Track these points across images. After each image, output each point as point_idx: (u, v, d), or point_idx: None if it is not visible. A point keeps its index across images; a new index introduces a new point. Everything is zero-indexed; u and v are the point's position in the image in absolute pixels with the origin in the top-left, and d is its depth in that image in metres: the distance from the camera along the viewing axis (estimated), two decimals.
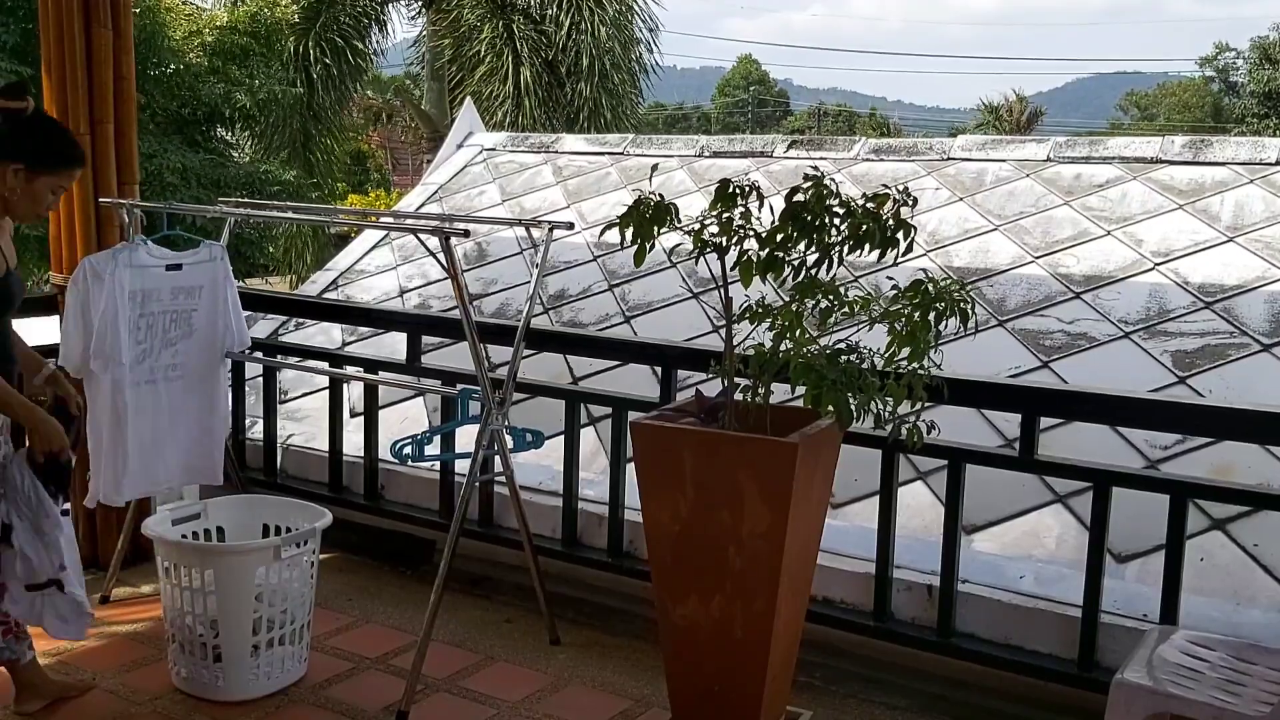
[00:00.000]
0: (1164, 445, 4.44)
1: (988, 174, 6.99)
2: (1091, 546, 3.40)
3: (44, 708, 3.43)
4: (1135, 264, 5.80)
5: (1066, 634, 3.46)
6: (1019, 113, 44.81)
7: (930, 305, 2.94)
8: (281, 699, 3.59)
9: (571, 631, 4.10)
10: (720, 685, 3.13)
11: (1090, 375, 4.95)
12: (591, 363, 5.48)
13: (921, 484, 4.45)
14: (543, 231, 3.98)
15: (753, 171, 7.32)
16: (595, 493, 4.38)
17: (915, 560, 3.80)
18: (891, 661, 3.77)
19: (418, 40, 22.15)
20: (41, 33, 4.32)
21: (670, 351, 4.24)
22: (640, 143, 8.63)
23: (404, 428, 4.95)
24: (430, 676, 3.68)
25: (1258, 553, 3.94)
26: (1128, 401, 3.58)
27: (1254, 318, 5.21)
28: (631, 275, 6.60)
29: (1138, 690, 2.71)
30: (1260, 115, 35.04)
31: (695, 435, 3.09)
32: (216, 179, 13.91)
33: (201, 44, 14.66)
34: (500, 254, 7.30)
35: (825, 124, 54.39)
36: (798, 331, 3.01)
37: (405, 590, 4.51)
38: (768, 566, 2.99)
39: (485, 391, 3.76)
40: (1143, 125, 48.31)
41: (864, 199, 3.02)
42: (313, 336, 6.50)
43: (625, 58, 20.23)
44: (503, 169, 8.62)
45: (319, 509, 3.86)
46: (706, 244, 3.04)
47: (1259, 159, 6.39)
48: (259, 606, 3.54)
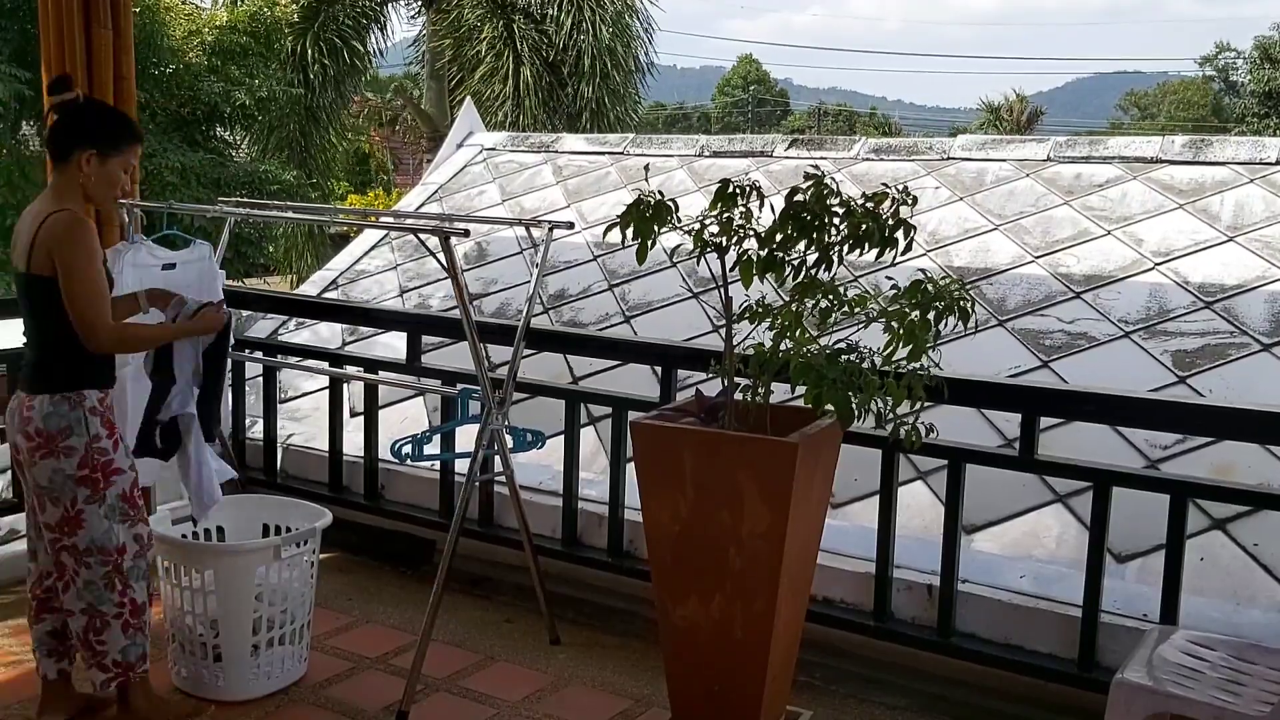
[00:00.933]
0: (1164, 445, 4.44)
1: (988, 174, 6.99)
2: (1091, 546, 3.40)
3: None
4: (1135, 264, 5.80)
5: (1066, 634, 3.45)
6: (1019, 112, 44.78)
7: (930, 305, 2.94)
8: (281, 699, 3.59)
9: (571, 631, 4.10)
10: (720, 685, 3.13)
11: (1090, 375, 4.94)
12: (591, 362, 5.48)
13: (921, 484, 4.45)
14: (543, 231, 3.98)
15: (753, 171, 7.32)
16: (595, 493, 4.38)
17: (915, 560, 3.80)
18: (891, 661, 3.77)
19: (417, 40, 22.15)
20: (41, 33, 4.32)
21: (670, 351, 4.23)
22: (640, 142, 8.63)
23: (404, 428, 4.95)
24: (430, 676, 3.68)
25: (1258, 553, 3.94)
26: (1128, 401, 3.58)
27: (1254, 318, 5.21)
28: (631, 275, 6.60)
29: (1138, 690, 2.71)
30: (1260, 115, 35.02)
31: (695, 435, 3.09)
32: (216, 178, 13.92)
33: (201, 43, 14.67)
34: (500, 254, 7.30)
35: (825, 124, 54.37)
36: (798, 331, 3.01)
37: (405, 590, 4.51)
38: (768, 566, 2.99)
39: (485, 391, 3.76)
40: (1143, 125, 48.30)
41: (864, 199, 3.02)
42: (317, 333, 6.51)
43: (626, 57, 20.23)
44: (503, 169, 8.62)
45: (319, 509, 3.86)
46: (707, 244, 3.05)
47: (1259, 159, 6.39)
48: (259, 606, 3.54)
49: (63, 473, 3.12)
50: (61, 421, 3.10)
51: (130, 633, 3.24)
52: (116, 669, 3.23)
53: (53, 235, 3.04)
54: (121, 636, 3.22)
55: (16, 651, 3.83)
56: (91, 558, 3.17)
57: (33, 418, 3.11)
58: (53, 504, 3.15)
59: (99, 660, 3.22)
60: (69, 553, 3.18)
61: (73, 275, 3.04)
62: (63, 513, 3.15)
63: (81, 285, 3.05)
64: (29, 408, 3.12)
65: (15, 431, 3.17)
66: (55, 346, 3.13)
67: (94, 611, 3.19)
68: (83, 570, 3.18)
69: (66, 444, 3.11)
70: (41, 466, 3.12)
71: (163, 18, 14.17)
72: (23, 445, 3.14)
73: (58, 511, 3.15)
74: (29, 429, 3.12)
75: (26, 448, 3.13)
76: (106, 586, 3.19)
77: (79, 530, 3.16)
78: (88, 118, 3.26)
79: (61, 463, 3.11)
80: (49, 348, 3.14)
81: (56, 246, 3.04)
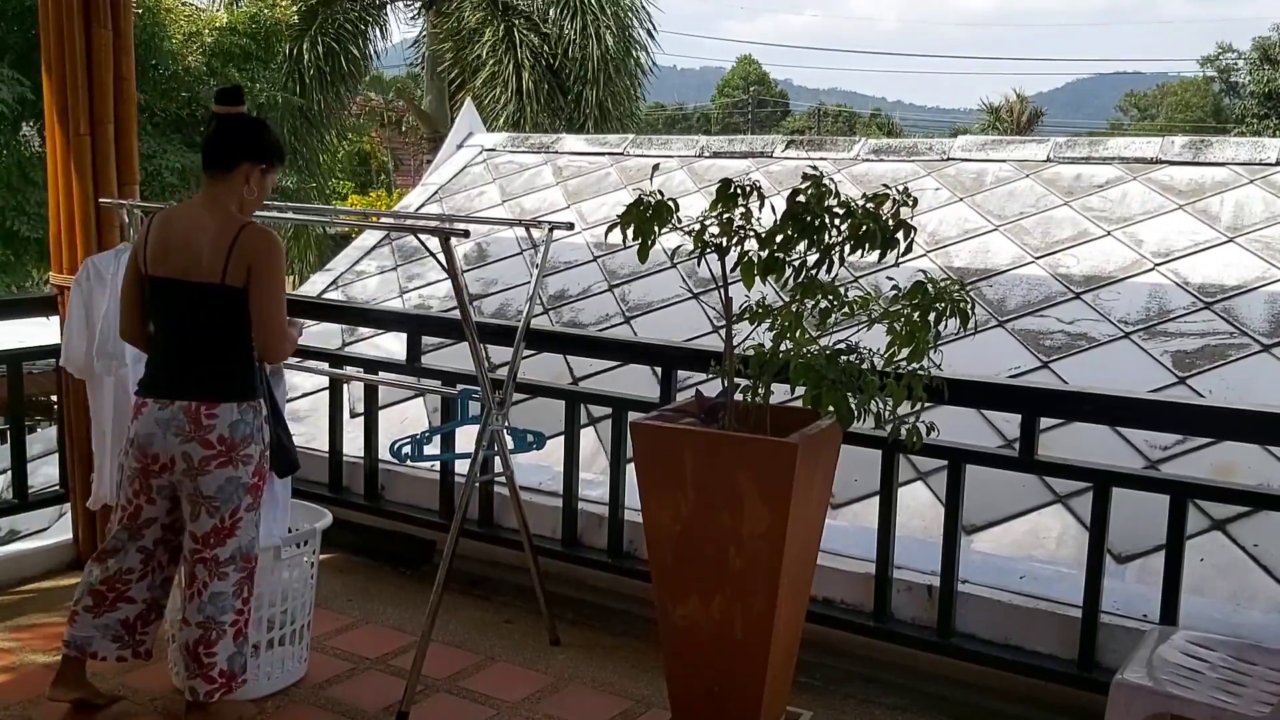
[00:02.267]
0: (1164, 445, 4.44)
1: (988, 174, 7.00)
2: (1091, 546, 3.40)
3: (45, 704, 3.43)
4: (1135, 264, 5.81)
5: (1066, 634, 3.45)
6: (1019, 113, 44.82)
7: (930, 305, 2.95)
8: (282, 699, 3.59)
9: (571, 632, 4.10)
10: (720, 685, 3.13)
11: (1090, 376, 4.95)
12: (591, 363, 5.49)
13: (921, 484, 4.46)
14: (543, 232, 3.98)
15: (753, 172, 7.32)
16: (595, 493, 4.38)
17: (915, 560, 3.80)
18: (891, 661, 3.77)
19: (417, 40, 22.14)
20: (41, 33, 4.32)
21: (670, 352, 4.23)
22: (640, 143, 8.64)
23: (404, 428, 4.96)
24: (430, 676, 3.68)
25: (1258, 553, 3.94)
26: (1128, 402, 3.58)
27: (1254, 318, 5.22)
28: (632, 275, 6.61)
29: (1138, 690, 2.71)
30: (1260, 115, 35.04)
31: (695, 435, 3.09)
32: None
33: (201, 45, 14.67)
34: (500, 254, 7.31)
35: (825, 124, 54.38)
36: (798, 332, 3.01)
37: (405, 590, 4.51)
38: (768, 567, 2.99)
39: (485, 392, 3.76)
40: (1143, 125, 48.29)
41: (864, 199, 3.03)
42: (317, 333, 6.51)
43: (627, 60, 20.22)
44: (503, 169, 8.63)
45: (319, 509, 3.86)
46: (707, 244, 3.05)
47: (1259, 159, 6.40)
48: (259, 606, 3.54)
49: (237, 480, 3.17)
50: (246, 429, 3.17)
51: (239, 641, 3.26)
52: (222, 679, 3.22)
53: (257, 249, 3.10)
54: (232, 645, 3.24)
55: (17, 651, 3.84)
56: (231, 566, 3.21)
57: (216, 425, 3.12)
58: (210, 514, 3.17)
59: (205, 672, 3.20)
60: (206, 565, 3.19)
61: (276, 289, 3.15)
62: (217, 523, 3.17)
63: (280, 297, 3.17)
64: (211, 415, 3.13)
65: (186, 440, 3.14)
66: (239, 356, 3.18)
67: (213, 624, 3.20)
68: (214, 581, 3.19)
69: (246, 452, 3.17)
70: (215, 475, 3.14)
71: (163, 19, 14.18)
72: (196, 454, 3.13)
73: (212, 521, 3.17)
74: (209, 436, 3.13)
75: (202, 456, 3.13)
76: (235, 594, 3.23)
77: (229, 539, 3.19)
78: (255, 131, 3.31)
79: (238, 471, 3.16)
80: (232, 357, 3.17)
81: (258, 260, 3.10)
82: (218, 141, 3.24)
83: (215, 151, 3.22)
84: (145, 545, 3.31)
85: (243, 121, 3.29)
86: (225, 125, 3.25)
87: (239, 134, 3.25)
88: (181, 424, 3.14)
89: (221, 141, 3.23)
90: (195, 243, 3.12)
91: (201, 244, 3.11)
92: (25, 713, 3.43)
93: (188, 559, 3.25)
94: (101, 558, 3.35)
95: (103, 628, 3.34)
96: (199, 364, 3.18)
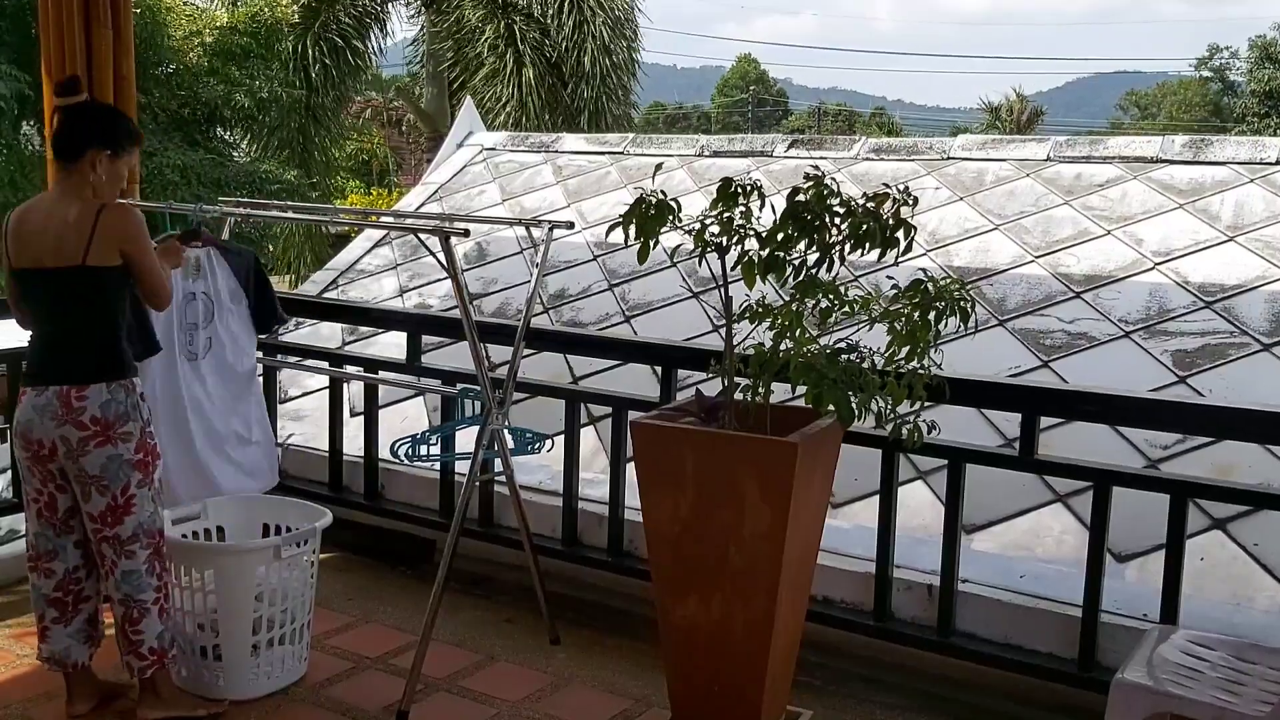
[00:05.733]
0: (1164, 445, 4.44)
1: (988, 174, 7.00)
2: (1091, 546, 3.40)
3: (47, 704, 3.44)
4: (1135, 263, 5.81)
5: (1066, 634, 3.45)
6: (1019, 112, 44.83)
7: (930, 305, 2.95)
8: (281, 699, 3.59)
9: (571, 631, 4.10)
10: (720, 685, 3.13)
11: (1090, 375, 4.95)
12: (591, 362, 5.48)
13: (921, 484, 4.46)
14: (543, 231, 3.98)
15: (753, 171, 7.32)
16: (595, 492, 4.38)
17: (915, 560, 3.80)
18: (891, 661, 3.77)
19: (417, 39, 22.12)
20: (41, 33, 4.32)
21: (670, 351, 4.23)
22: (640, 142, 8.64)
23: (404, 428, 4.95)
24: (430, 676, 3.68)
25: (1258, 553, 3.94)
26: (1128, 401, 3.57)
27: (1254, 317, 5.21)
28: (632, 275, 6.61)
29: (1138, 690, 2.71)
30: (1261, 114, 35.06)
31: (695, 435, 3.09)
32: (217, 178, 13.94)
33: (201, 44, 14.68)
34: (500, 254, 7.31)
35: (825, 124, 54.35)
36: (798, 331, 3.01)
37: (405, 590, 4.51)
38: (768, 566, 2.99)
39: (485, 391, 3.76)
40: (1143, 125, 48.30)
41: (864, 198, 3.03)
42: (317, 333, 6.51)
43: (628, 59, 20.21)
44: (503, 168, 8.63)
45: (319, 509, 3.85)
46: (708, 244, 3.04)
47: (1259, 158, 6.40)
48: (259, 606, 3.54)
49: (120, 458, 3.20)
50: (119, 408, 3.19)
51: (164, 618, 3.32)
52: (152, 656, 3.29)
53: (120, 227, 3.18)
54: (157, 623, 3.30)
55: (17, 651, 3.83)
56: (136, 544, 3.25)
57: (87, 406, 3.16)
58: (100, 493, 3.21)
59: (135, 649, 3.28)
60: (110, 543, 3.25)
61: (145, 255, 3.24)
62: (110, 501, 3.21)
63: (151, 258, 3.27)
64: (80, 398, 3.16)
65: (60, 423, 3.17)
66: (105, 336, 3.23)
67: (132, 601, 3.26)
68: (123, 560, 3.25)
69: (124, 429, 3.20)
70: (95, 455, 3.18)
71: (163, 18, 14.18)
72: (73, 436, 3.17)
73: (105, 500, 3.21)
74: (82, 418, 3.16)
75: (79, 438, 3.16)
76: (148, 572, 3.28)
77: (126, 517, 3.23)
78: (99, 119, 3.36)
79: (119, 449, 3.19)
80: (99, 338, 3.22)
81: (125, 236, 3.19)
82: (61, 130, 3.30)
83: (61, 141, 3.28)
84: (79, 539, 3.35)
85: (85, 110, 3.36)
86: (68, 115, 3.30)
87: (81, 122, 3.29)
88: (55, 408, 3.18)
89: (66, 131, 3.28)
90: (52, 231, 3.19)
91: (59, 231, 3.18)
92: (25, 712, 3.44)
93: (93, 540, 3.29)
94: (39, 565, 3.37)
95: (74, 634, 3.38)
96: (66, 348, 3.24)
